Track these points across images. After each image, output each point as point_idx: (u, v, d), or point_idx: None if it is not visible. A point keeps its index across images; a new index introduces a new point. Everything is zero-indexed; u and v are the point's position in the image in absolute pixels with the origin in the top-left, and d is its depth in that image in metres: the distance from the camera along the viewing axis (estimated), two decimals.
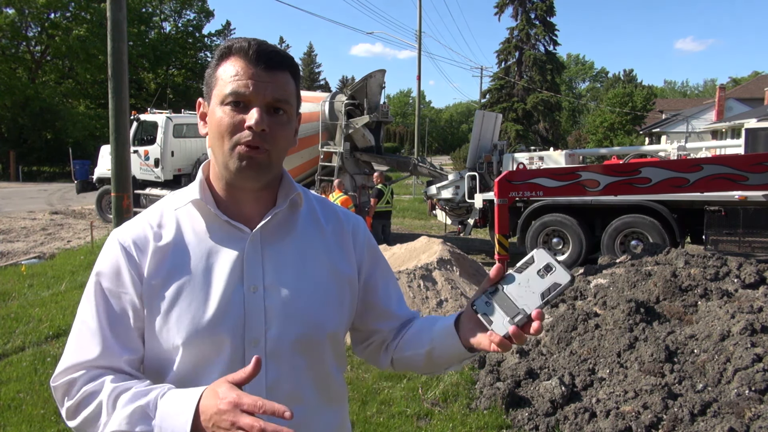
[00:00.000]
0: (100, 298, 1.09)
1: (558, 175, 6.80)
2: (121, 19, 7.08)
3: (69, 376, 1.06)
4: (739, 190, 7.20)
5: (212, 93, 1.11)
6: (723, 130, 27.39)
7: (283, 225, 1.17)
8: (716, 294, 4.76)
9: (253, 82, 1.06)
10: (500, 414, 3.92)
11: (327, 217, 1.23)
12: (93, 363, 1.06)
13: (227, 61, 1.09)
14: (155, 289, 1.09)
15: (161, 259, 1.10)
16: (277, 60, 1.08)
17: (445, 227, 12.36)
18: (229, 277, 1.09)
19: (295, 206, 1.18)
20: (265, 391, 1.09)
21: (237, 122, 1.06)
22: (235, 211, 1.14)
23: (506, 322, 1.01)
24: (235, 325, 1.08)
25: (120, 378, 1.04)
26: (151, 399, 0.97)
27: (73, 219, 15.25)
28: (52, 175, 32.02)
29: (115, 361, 1.07)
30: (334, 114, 11.88)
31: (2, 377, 4.56)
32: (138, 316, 1.09)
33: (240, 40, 1.09)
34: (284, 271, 1.13)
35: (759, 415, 3.24)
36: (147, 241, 1.11)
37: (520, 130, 42.03)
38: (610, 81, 69.14)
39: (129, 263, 1.09)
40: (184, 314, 1.07)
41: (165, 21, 41.24)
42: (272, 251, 1.13)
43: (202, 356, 1.08)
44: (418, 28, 25.86)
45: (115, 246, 1.12)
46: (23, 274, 8.09)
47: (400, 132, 67.75)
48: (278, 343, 1.10)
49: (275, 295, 1.11)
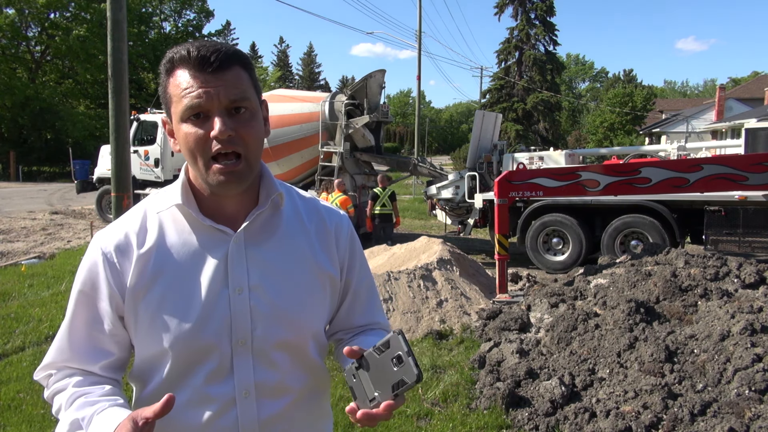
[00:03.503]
0: (77, 303, 1.13)
1: (558, 175, 6.80)
2: (121, 19, 7.08)
3: (46, 372, 1.15)
4: (739, 190, 7.19)
5: (171, 111, 1.09)
6: (723, 130, 27.39)
7: (266, 225, 1.17)
8: (716, 294, 4.76)
9: (204, 90, 1.04)
10: (500, 414, 3.92)
11: (310, 215, 1.23)
12: (65, 364, 1.13)
13: (174, 74, 1.07)
14: (140, 294, 1.09)
15: (145, 264, 1.10)
16: (223, 59, 1.05)
17: (445, 227, 12.36)
18: (214, 279, 1.10)
19: (276, 206, 1.18)
20: (254, 388, 1.12)
21: (202, 136, 1.05)
22: (217, 212, 1.14)
23: (366, 402, 1.03)
24: (221, 327, 1.10)
25: (87, 381, 1.11)
26: (89, 414, 1.04)
27: (73, 219, 15.25)
28: (52, 175, 32.03)
29: (85, 364, 1.13)
30: (334, 114, 11.88)
31: (2, 377, 4.56)
32: (115, 321, 1.12)
33: (180, 49, 1.07)
34: (268, 272, 1.13)
35: (759, 415, 3.25)
36: (129, 246, 1.11)
37: (520, 130, 42.04)
38: (610, 81, 69.11)
39: (109, 270, 1.11)
40: (170, 318, 1.08)
41: (165, 21, 41.32)
42: (256, 252, 1.14)
43: (191, 358, 1.10)
44: (418, 28, 25.87)
45: (96, 252, 1.13)
46: (23, 274, 8.09)
47: (400, 132, 67.77)
48: (264, 342, 1.12)
49: (260, 296, 1.12)
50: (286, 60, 70.60)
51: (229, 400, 1.11)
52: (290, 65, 71.69)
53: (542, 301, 5.55)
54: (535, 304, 5.59)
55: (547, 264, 9.51)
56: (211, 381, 1.10)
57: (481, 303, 6.29)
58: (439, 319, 5.91)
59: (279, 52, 70.96)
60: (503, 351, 4.77)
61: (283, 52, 70.95)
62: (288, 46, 76.90)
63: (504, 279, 6.49)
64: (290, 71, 70.34)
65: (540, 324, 5.18)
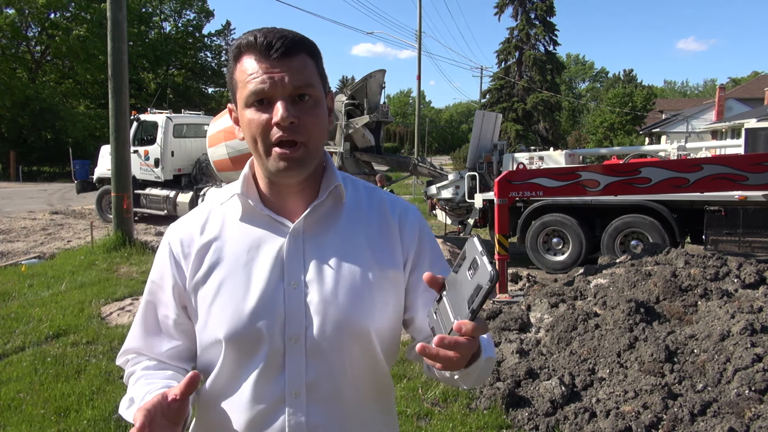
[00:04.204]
0: (149, 293, 1.20)
1: (558, 175, 6.80)
2: (121, 19, 7.09)
3: (124, 357, 1.24)
4: (739, 190, 7.20)
5: (236, 97, 1.09)
6: (723, 130, 27.40)
7: (325, 218, 1.14)
8: (716, 294, 4.76)
9: (269, 76, 1.03)
10: (500, 414, 3.92)
11: (373, 207, 1.19)
12: (137, 350, 1.21)
13: (241, 61, 1.07)
14: (199, 284, 1.12)
15: (204, 255, 1.13)
16: (289, 45, 1.04)
17: (445, 227, 12.36)
18: (271, 272, 1.09)
19: (337, 198, 1.15)
20: (305, 389, 1.07)
21: (265, 122, 1.04)
22: (278, 205, 1.14)
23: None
24: (275, 321, 1.07)
25: (155, 366, 1.17)
26: (142, 393, 1.09)
27: (73, 219, 15.24)
28: (52, 175, 32.03)
29: (154, 351, 1.19)
30: (334, 114, 11.87)
31: (2, 377, 4.56)
32: (179, 311, 1.16)
33: (248, 35, 1.06)
34: (325, 267, 1.10)
35: (759, 415, 3.25)
36: (192, 238, 1.15)
37: (520, 130, 42.06)
38: (610, 81, 69.11)
39: (173, 261, 1.15)
40: (225, 308, 1.08)
41: (165, 21, 41.31)
42: (313, 246, 1.11)
43: (243, 351, 1.08)
44: (418, 28, 25.88)
45: (164, 244, 1.18)
46: (23, 274, 8.09)
47: (400, 132, 67.77)
48: (319, 340, 1.08)
49: (316, 291, 1.08)
50: None
51: (278, 399, 1.07)
52: None
53: (542, 301, 5.55)
54: (535, 304, 5.60)
55: (547, 264, 9.51)
56: (263, 378, 1.08)
57: None
58: None
59: None
60: (503, 351, 4.77)
61: None
62: None
63: (504, 279, 6.50)
64: None
65: (540, 324, 5.18)
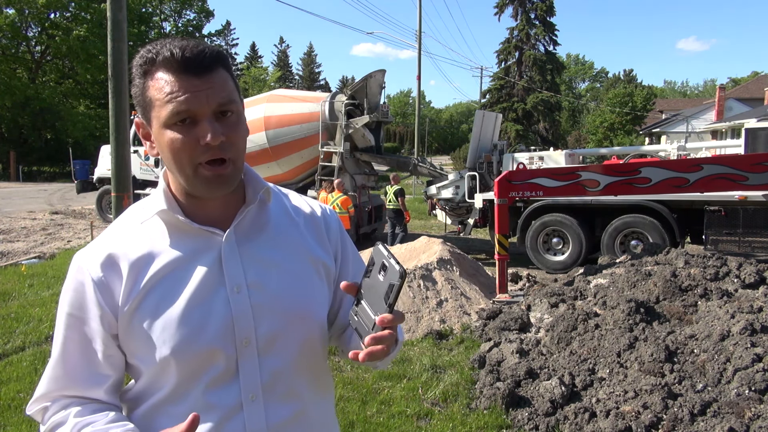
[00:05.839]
0: (68, 327, 1.08)
1: (558, 175, 6.80)
2: (121, 19, 7.08)
3: (41, 405, 1.09)
4: (739, 190, 7.19)
5: (151, 115, 1.03)
6: (723, 130, 27.40)
7: (256, 222, 1.14)
8: (716, 294, 4.76)
9: (192, 95, 0.98)
10: (500, 414, 3.92)
11: (296, 208, 1.21)
12: (62, 393, 1.08)
13: (155, 77, 1.00)
14: (133, 307, 1.05)
15: (135, 277, 1.06)
16: (208, 61, 1.00)
17: (445, 227, 12.36)
18: (209, 281, 1.06)
19: (263, 202, 1.15)
20: (261, 389, 1.07)
21: (190, 141, 0.99)
22: (202, 215, 1.10)
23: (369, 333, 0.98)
24: (223, 328, 1.05)
25: (87, 409, 1.06)
26: None
27: (73, 219, 15.25)
28: (52, 175, 32.04)
29: (84, 390, 1.08)
30: (334, 114, 11.89)
31: (2, 377, 4.56)
32: (108, 342, 1.07)
33: (160, 48, 1.00)
34: (265, 268, 1.10)
35: (759, 415, 3.25)
36: (115, 261, 1.07)
37: (520, 130, 42.05)
38: (610, 81, 69.11)
39: (97, 289, 1.06)
40: (167, 326, 1.04)
41: (165, 21, 41.30)
42: (249, 249, 1.11)
43: (196, 363, 1.05)
44: (418, 28, 25.87)
45: (80, 273, 1.08)
46: (23, 274, 8.10)
47: (400, 132, 67.74)
48: (270, 339, 1.08)
49: (260, 292, 1.08)
50: (286, 60, 70.58)
51: (235, 406, 1.06)
52: (290, 65, 71.66)
53: (542, 301, 5.55)
54: (535, 304, 5.60)
55: (547, 264, 9.51)
56: (214, 387, 1.06)
57: (481, 303, 6.29)
58: (439, 319, 5.92)
59: (279, 52, 70.96)
60: (503, 351, 4.77)
61: (283, 52, 70.93)
62: (288, 46, 76.93)
63: (504, 279, 6.50)
64: (290, 71, 70.30)
65: (540, 324, 5.18)
